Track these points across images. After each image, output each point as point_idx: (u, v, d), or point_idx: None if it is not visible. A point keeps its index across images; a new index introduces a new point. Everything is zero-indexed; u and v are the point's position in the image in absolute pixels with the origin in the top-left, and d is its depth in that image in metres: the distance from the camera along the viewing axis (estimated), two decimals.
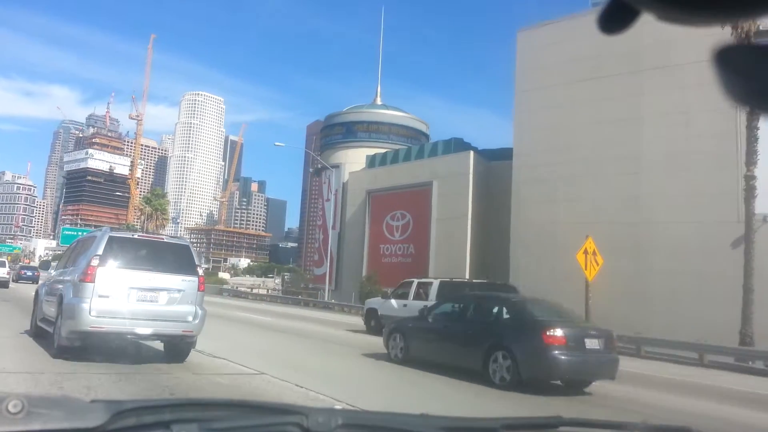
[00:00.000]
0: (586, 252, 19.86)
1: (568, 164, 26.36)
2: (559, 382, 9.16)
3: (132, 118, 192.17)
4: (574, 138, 26.22)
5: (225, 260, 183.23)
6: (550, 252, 26.42)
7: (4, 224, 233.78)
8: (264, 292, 48.65)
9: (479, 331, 9.65)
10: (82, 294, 7.96)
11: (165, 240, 9.97)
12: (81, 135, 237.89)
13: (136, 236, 9.63)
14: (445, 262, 32.05)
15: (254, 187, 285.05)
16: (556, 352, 8.51)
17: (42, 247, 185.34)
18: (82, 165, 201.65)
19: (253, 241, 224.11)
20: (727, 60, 0.69)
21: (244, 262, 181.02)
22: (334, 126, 42.21)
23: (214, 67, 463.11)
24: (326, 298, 34.83)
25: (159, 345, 9.33)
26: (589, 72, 25.54)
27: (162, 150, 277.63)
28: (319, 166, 42.69)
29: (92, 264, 8.08)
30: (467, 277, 27.00)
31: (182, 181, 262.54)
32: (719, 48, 0.70)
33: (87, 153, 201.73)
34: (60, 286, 9.05)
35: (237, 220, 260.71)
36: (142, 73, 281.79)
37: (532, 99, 27.85)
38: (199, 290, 8.74)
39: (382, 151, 40.17)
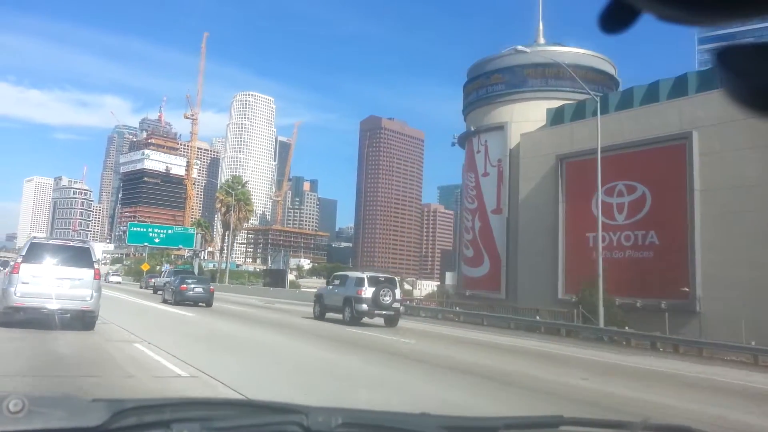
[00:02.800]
0: None
1: None
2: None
3: (187, 118, 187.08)
4: None
5: None
6: None
7: (62, 229, 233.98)
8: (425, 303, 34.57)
9: (170, 285, 26.43)
10: (11, 282, 11.50)
11: (71, 244, 13.14)
12: (135, 139, 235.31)
13: (50, 242, 13.51)
14: (729, 255, 20.49)
15: (306, 186, 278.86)
16: (182, 291, 24.52)
17: (100, 250, 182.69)
18: (139, 166, 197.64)
19: (310, 241, 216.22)
20: (728, 60, 0.69)
21: (304, 263, 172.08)
22: (491, 74, 30.88)
23: (259, 73, 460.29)
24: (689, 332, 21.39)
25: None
26: None
27: (214, 152, 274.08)
28: (473, 128, 31.37)
29: (17, 261, 11.97)
30: None
31: None
32: (720, 48, 0.69)
33: (143, 154, 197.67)
34: (3, 278, 13.12)
35: (290, 219, 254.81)
36: (191, 81, 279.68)
37: None
38: (94, 279, 11.99)
39: (563, 103, 28.79)
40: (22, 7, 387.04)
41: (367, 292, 18.37)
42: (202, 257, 61.41)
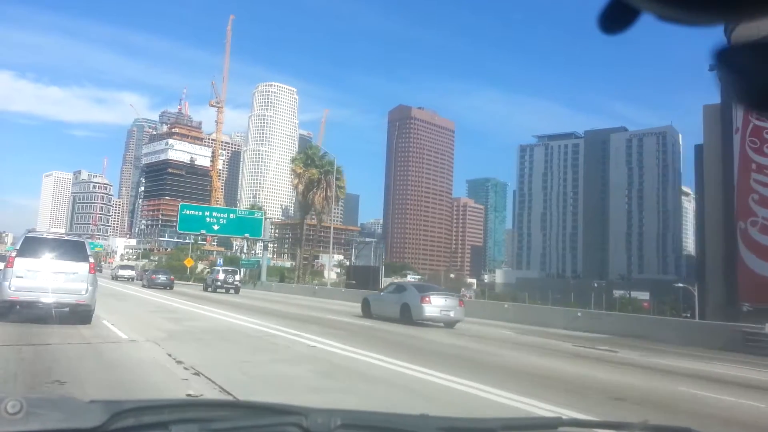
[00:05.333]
0: None
1: None
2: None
3: (212, 106, 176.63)
4: None
5: (317, 258, 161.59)
6: None
7: (81, 224, 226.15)
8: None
9: (146, 275, 44.30)
10: (5, 276, 11.51)
11: (66, 238, 13.58)
12: (155, 132, 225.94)
13: (45, 236, 13.52)
14: None
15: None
16: (152, 279, 38.85)
17: (122, 245, 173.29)
18: (162, 157, 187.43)
19: (340, 236, 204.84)
20: (728, 60, 0.70)
21: (338, 259, 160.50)
22: None
23: (277, 69, 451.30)
24: None
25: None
26: None
27: (234, 145, 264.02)
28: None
29: (12, 255, 12.04)
30: None
31: (257, 174, 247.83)
32: (720, 48, 0.70)
33: (167, 144, 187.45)
34: None
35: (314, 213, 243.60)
36: (208, 79, 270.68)
37: None
38: (90, 273, 11.95)
39: None
40: (40, 3, 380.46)
41: (221, 276, 36.81)
42: (256, 252, 49.75)
